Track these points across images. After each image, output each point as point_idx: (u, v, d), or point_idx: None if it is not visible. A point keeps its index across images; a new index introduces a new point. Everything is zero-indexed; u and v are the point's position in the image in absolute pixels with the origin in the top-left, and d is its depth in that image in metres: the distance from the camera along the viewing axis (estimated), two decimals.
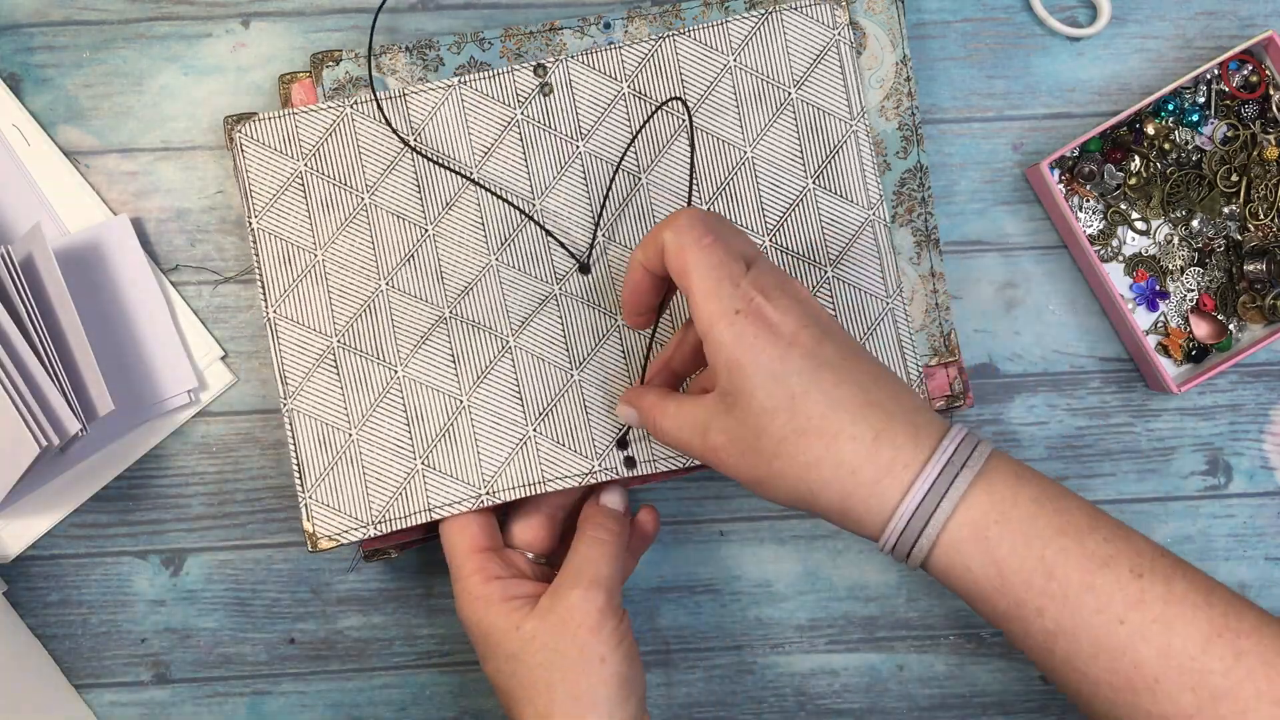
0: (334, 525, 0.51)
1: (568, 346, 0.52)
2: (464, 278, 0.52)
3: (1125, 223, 0.55)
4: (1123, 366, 0.56)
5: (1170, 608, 0.40)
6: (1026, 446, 0.56)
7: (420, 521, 0.51)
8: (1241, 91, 0.55)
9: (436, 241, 0.52)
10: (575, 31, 0.53)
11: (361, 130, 0.52)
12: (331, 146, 0.52)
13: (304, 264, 0.52)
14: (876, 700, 0.56)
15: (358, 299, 0.52)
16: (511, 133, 0.52)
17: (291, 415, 0.52)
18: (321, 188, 0.52)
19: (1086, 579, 0.40)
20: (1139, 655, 0.39)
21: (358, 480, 0.51)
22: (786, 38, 0.52)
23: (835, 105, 0.52)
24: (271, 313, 0.52)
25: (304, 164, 0.52)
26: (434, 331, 0.52)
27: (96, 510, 0.55)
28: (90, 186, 0.55)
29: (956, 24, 0.56)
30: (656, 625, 0.56)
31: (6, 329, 0.48)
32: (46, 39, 0.55)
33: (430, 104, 0.52)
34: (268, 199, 0.52)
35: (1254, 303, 0.55)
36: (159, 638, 0.55)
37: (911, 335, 0.53)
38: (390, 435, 0.52)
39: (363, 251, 0.52)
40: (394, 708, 0.56)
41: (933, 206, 0.54)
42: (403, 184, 0.52)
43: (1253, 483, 0.56)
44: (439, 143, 0.52)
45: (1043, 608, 0.40)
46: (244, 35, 0.55)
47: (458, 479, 0.51)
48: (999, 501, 0.41)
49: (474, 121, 0.52)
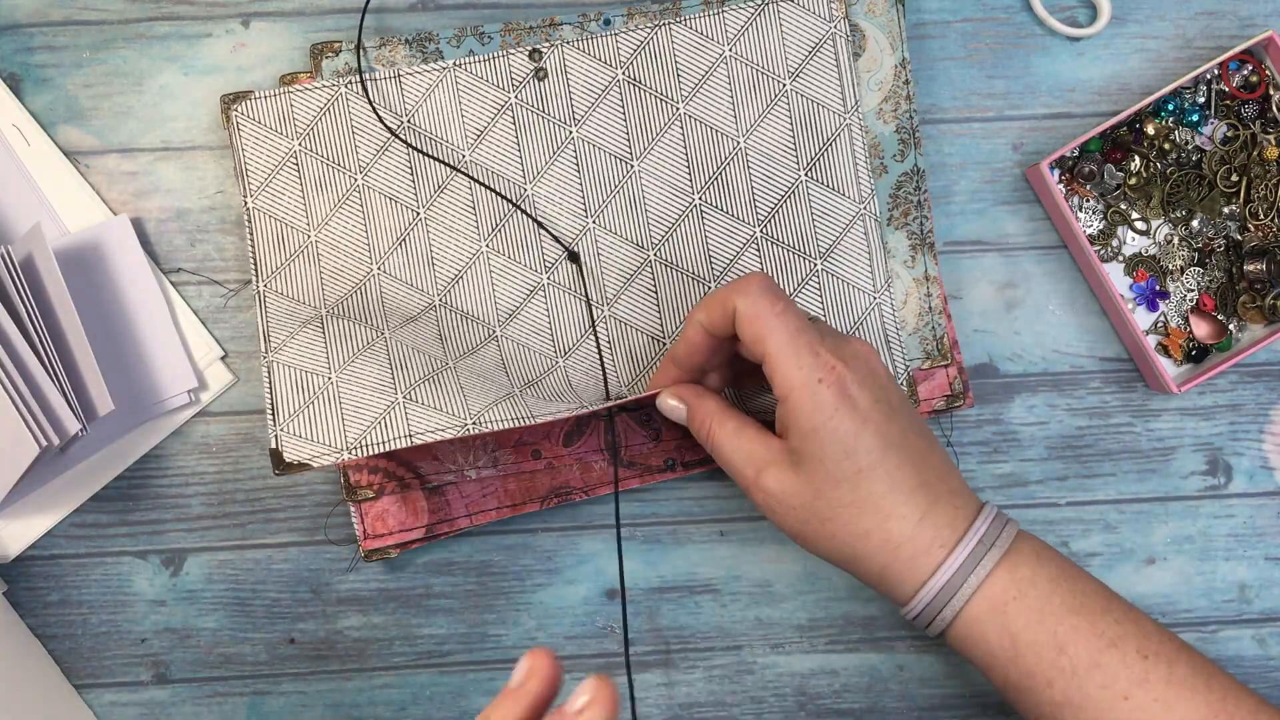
0: (304, 451, 0.48)
1: (553, 336, 0.53)
2: (454, 265, 0.52)
3: (1125, 223, 0.55)
4: (1123, 366, 0.56)
5: (1171, 689, 0.43)
6: (1026, 446, 0.56)
7: (399, 446, 0.47)
8: (1241, 91, 0.55)
9: (428, 225, 0.52)
10: (575, 27, 0.53)
11: (355, 110, 0.52)
12: (325, 126, 0.52)
13: (297, 244, 0.52)
14: (876, 700, 0.56)
15: (349, 281, 0.52)
16: (504, 117, 0.52)
17: (270, 367, 0.50)
18: (315, 167, 0.52)
19: (1095, 656, 0.43)
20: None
21: (334, 415, 0.49)
22: (783, 28, 0.51)
23: (830, 98, 0.52)
24: (262, 286, 0.52)
25: (298, 143, 0.52)
26: (423, 316, 0.52)
27: (96, 510, 0.55)
28: (90, 186, 0.55)
29: (956, 24, 0.56)
30: (656, 625, 0.56)
31: (6, 329, 0.48)
32: (46, 39, 0.55)
33: (424, 86, 0.52)
34: (263, 178, 0.52)
35: (1254, 303, 0.55)
36: (159, 638, 0.55)
37: (899, 329, 0.53)
38: (371, 376, 0.49)
39: (355, 234, 0.52)
40: (393, 708, 0.56)
41: (929, 210, 0.54)
42: (395, 165, 0.52)
43: (1253, 483, 0.56)
44: (432, 125, 0.52)
45: (1052, 680, 0.44)
46: (244, 35, 0.55)
47: (442, 411, 0.48)
48: (1019, 580, 0.44)
49: (467, 105, 0.52)
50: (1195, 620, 0.56)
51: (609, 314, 0.53)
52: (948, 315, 0.54)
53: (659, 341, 0.53)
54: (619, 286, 0.53)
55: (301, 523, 0.55)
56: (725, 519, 0.56)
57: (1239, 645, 0.56)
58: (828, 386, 0.43)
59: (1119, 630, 0.44)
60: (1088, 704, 0.43)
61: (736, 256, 0.53)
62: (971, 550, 0.44)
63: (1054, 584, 0.44)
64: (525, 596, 0.56)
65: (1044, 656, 0.44)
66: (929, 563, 0.44)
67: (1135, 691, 0.43)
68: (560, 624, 0.56)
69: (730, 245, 0.53)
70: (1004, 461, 0.56)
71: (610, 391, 0.53)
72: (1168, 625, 0.56)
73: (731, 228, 0.53)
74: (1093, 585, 0.45)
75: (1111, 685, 0.43)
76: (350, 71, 0.53)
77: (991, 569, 0.44)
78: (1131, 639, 0.44)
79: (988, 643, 0.45)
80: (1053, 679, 0.44)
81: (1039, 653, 0.44)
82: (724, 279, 0.53)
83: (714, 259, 0.53)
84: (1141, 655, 0.43)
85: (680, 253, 0.53)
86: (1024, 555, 0.45)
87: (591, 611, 0.56)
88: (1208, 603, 0.56)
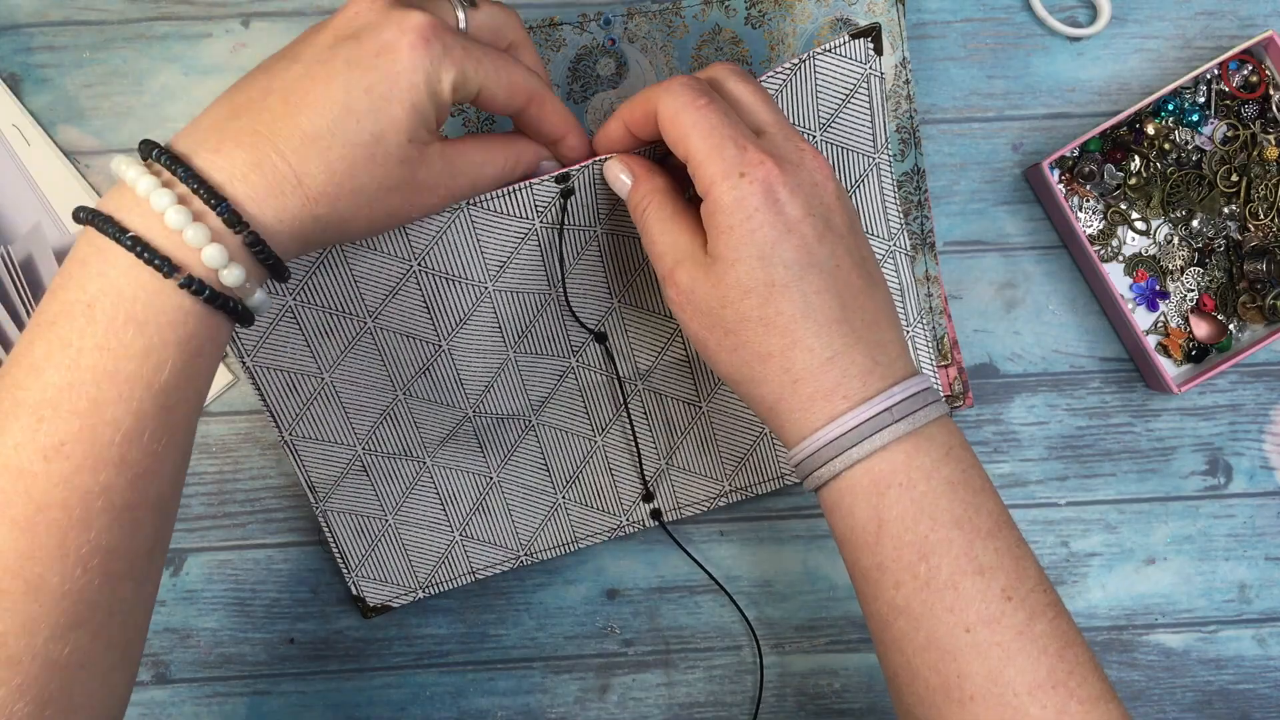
0: (383, 594, 0.54)
1: (589, 414, 0.53)
2: (483, 379, 0.50)
3: (1125, 223, 0.55)
4: (1123, 366, 0.56)
5: (1019, 640, 0.38)
6: (1026, 446, 0.56)
7: (466, 583, 0.54)
8: (1241, 91, 0.55)
9: (453, 355, 0.49)
10: (575, 28, 0.53)
11: (354, 260, 0.46)
12: (320, 281, 0.46)
13: (311, 389, 0.49)
14: (876, 700, 0.56)
15: (375, 410, 0.50)
16: (529, 241, 0.47)
17: (326, 515, 0.52)
18: (316, 318, 0.47)
19: (955, 577, 0.39)
20: (968, 668, 0.39)
21: (399, 555, 0.53)
22: (817, 82, 0.47)
23: (860, 141, 0.49)
24: (287, 435, 0.50)
25: (291, 298, 0.46)
26: (460, 428, 0.52)
27: None
28: (90, 186, 0.55)
29: (956, 24, 0.56)
30: (656, 625, 0.56)
31: (6, 329, 0.48)
32: (46, 39, 0.55)
33: (433, 230, 0.46)
34: (256, 338, 0.47)
35: (1254, 303, 0.55)
36: (159, 638, 0.55)
37: (933, 364, 0.53)
38: (426, 515, 0.53)
39: (373, 369, 0.49)
40: (393, 708, 0.56)
41: (929, 210, 0.54)
42: (410, 305, 0.47)
43: (1253, 483, 0.56)
44: (448, 264, 0.47)
45: (900, 582, 0.40)
46: (244, 35, 0.55)
47: (495, 545, 0.54)
48: (914, 467, 0.40)
49: (486, 239, 0.46)
50: (1195, 620, 0.56)
51: (643, 388, 0.53)
52: (948, 315, 0.54)
53: (695, 406, 0.53)
54: (651, 360, 0.52)
55: (301, 523, 0.55)
56: (725, 519, 0.56)
57: (1239, 645, 0.56)
58: (750, 183, 0.39)
59: (994, 560, 0.39)
60: (925, 620, 0.39)
61: None
62: (875, 415, 0.39)
63: (950, 486, 0.40)
64: (525, 596, 0.56)
65: (903, 556, 0.39)
66: (824, 412, 0.40)
67: (980, 629, 0.38)
68: (560, 624, 0.56)
69: None
70: (1004, 461, 0.56)
71: (645, 472, 0.53)
72: (1167, 625, 0.56)
73: None
74: (991, 505, 0.40)
75: (958, 612, 0.39)
76: None
77: (887, 443, 0.39)
78: (1002, 574, 0.39)
79: (854, 518, 0.40)
80: (902, 581, 0.39)
81: (900, 551, 0.39)
82: None
83: None
84: (1005, 595, 0.39)
85: None
86: (933, 444, 0.40)
87: (591, 611, 0.56)
88: (1208, 603, 0.56)
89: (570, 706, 0.56)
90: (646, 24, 0.53)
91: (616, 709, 0.56)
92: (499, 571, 0.54)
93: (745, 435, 0.53)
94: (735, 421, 0.53)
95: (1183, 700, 0.56)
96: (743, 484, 0.53)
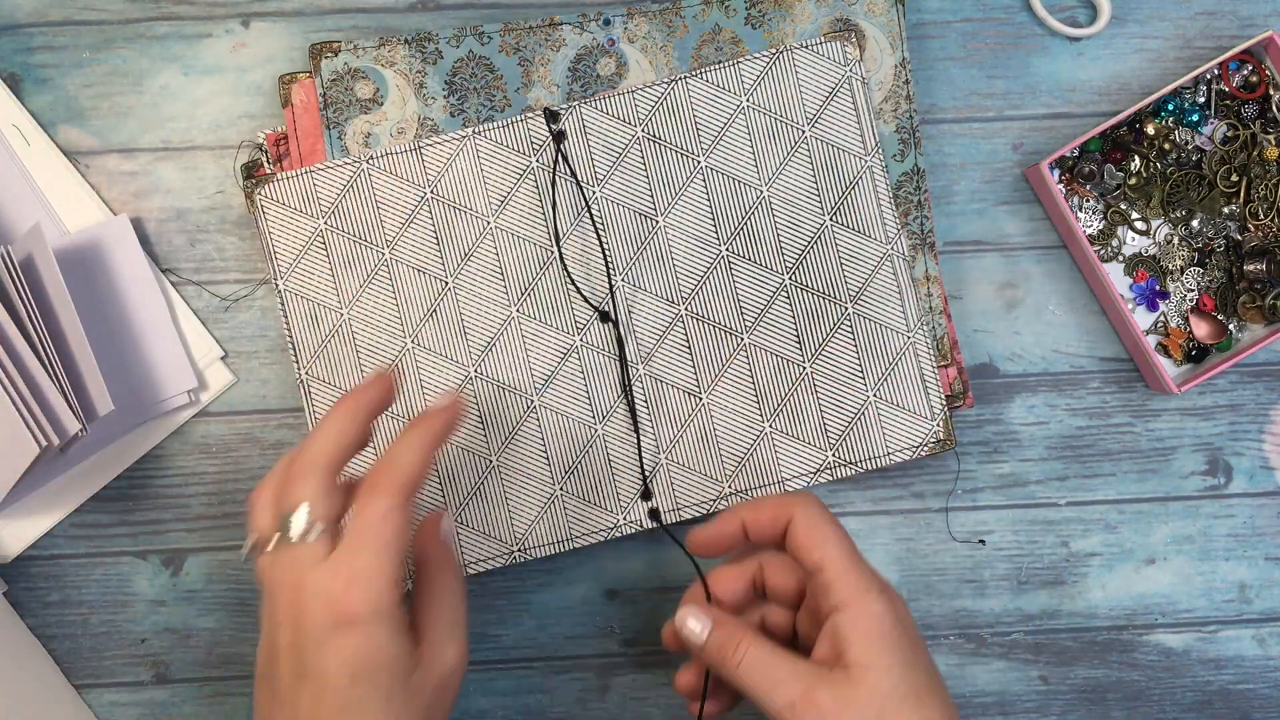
0: None
1: (590, 397, 0.53)
2: (486, 332, 0.53)
3: (1125, 223, 0.55)
4: (1123, 366, 0.56)
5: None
6: (1026, 446, 0.56)
7: None
8: (1241, 91, 0.55)
9: (457, 295, 0.53)
10: (575, 28, 0.53)
11: (379, 185, 0.53)
12: (350, 203, 0.53)
13: (331, 323, 0.53)
14: None
15: (385, 357, 0.53)
16: (527, 181, 0.53)
17: None
18: (343, 245, 0.53)
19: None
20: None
21: None
22: (799, 76, 0.51)
23: (849, 141, 0.52)
24: (303, 373, 0.53)
25: (324, 221, 0.53)
26: (461, 392, 0.53)
27: (96, 510, 0.55)
28: (90, 186, 0.55)
29: (956, 24, 0.56)
30: (657, 625, 0.56)
31: (6, 329, 0.48)
32: (46, 39, 0.55)
33: (445, 156, 0.53)
34: (291, 260, 0.53)
35: (1254, 303, 0.55)
36: (159, 638, 0.55)
37: (934, 369, 0.53)
38: (425, 495, 0.53)
39: (386, 308, 0.53)
40: None
41: (929, 210, 0.54)
42: (422, 236, 0.53)
43: (1253, 483, 0.56)
44: (456, 194, 0.53)
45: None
46: (244, 35, 0.55)
47: (490, 536, 0.53)
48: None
49: (490, 171, 0.53)
50: (1195, 620, 0.56)
51: (644, 372, 0.53)
52: (948, 315, 0.54)
53: (695, 396, 0.53)
54: (652, 343, 0.53)
55: None
56: None
57: (1239, 645, 0.56)
58: (891, 600, 0.43)
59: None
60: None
61: (767, 305, 0.53)
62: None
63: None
64: (525, 596, 0.56)
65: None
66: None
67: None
68: (560, 624, 0.56)
69: (760, 295, 0.53)
70: (1004, 461, 0.56)
71: (644, 466, 0.53)
72: (1168, 625, 0.56)
73: (760, 277, 0.53)
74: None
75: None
76: (349, 73, 0.53)
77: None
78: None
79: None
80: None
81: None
82: (755, 329, 0.53)
83: (745, 309, 0.53)
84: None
85: (711, 305, 0.53)
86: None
87: (591, 611, 0.56)
88: (1208, 603, 0.56)
89: (570, 706, 0.56)
90: (646, 24, 0.53)
91: (617, 709, 0.56)
92: (490, 568, 0.54)
93: (746, 434, 0.53)
94: (736, 418, 0.53)
95: (1183, 700, 0.56)
96: (743, 486, 0.54)
